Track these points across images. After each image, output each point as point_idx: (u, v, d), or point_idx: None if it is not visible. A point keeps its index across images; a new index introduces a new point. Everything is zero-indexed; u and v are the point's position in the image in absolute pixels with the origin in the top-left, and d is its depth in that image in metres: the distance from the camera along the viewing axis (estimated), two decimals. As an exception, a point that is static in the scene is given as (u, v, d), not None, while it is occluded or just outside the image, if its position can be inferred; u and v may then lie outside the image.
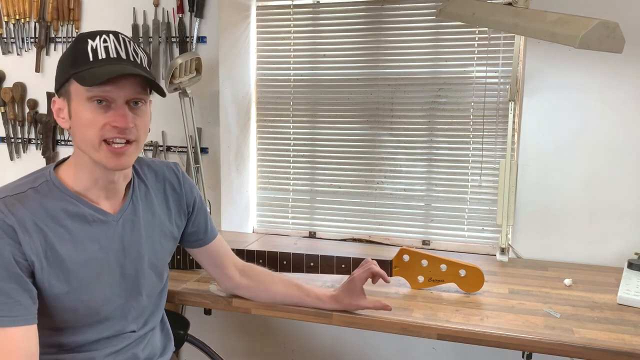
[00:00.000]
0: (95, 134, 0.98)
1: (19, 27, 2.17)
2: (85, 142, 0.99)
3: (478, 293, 1.41)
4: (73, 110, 1.00)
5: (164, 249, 1.19)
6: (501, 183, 1.70)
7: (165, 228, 1.18)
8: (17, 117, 2.22)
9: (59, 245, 0.99)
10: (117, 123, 0.98)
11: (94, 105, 0.98)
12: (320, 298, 1.28)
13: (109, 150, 0.99)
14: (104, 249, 1.06)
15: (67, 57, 1.01)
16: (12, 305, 0.93)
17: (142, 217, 1.13)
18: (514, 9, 1.42)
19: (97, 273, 1.05)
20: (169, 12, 2.00)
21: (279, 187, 2.16)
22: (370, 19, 1.97)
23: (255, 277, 1.33)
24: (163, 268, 1.21)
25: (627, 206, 1.69)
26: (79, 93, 0.98)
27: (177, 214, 1.22)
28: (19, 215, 0.96)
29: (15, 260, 0.94)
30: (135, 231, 1.11)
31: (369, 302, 1.24)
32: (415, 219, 2.00)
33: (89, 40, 0.99)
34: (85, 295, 1.03)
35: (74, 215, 1.02)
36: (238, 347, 2.11)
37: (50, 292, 0.99)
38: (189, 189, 1.24)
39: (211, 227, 1.30)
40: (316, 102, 2.07)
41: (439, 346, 1.88)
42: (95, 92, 0.97)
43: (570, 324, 1.23)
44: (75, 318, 1.05)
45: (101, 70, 0.96)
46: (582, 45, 1.19)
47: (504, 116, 1.83)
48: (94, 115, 0.98)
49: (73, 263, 1.01)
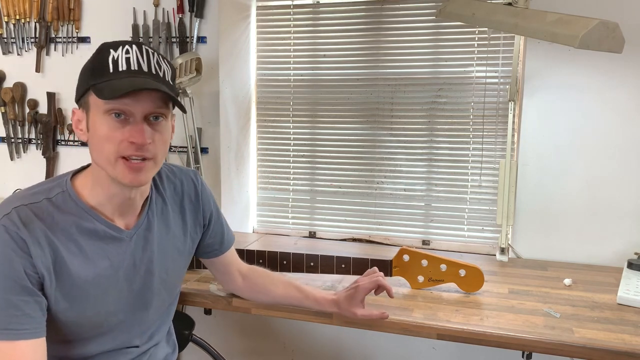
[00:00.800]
0: (111, 149, 0.94)
1: (19, 27, 2.17)
2: (101, 157, 0.96)
3: (478, 293, 1.41)
4: (91, 123, 0.97)
5: (177, 264, 1.17)
6: (501, 183, 1.70)
7: (179, 243, 1.16)
8: (17, 117, 2.22)
9: (69, 260, 0.97)
10: (135, 139, 0.94)
11: (112, 119, 0.94)
12: (318, 301, 1.26)
13: (126, 166, 0.95)
14: (114, 266, 1.04)
15: (87, 67, 0.98)
16: (22, 318, 0.91)
17: (156, 233, 1.10)
18: (514, 9, 1.42)
19: (104, 290, 1.03)
20: (169, 12, 2.00)
21: (279, 187, 2.16)
22: (370, 19, 1.97)
23: (256, 280, 1.33)
24: (174, 284, 1.19)
25: (627, 206, 1.69)
26: (97, 105, 0.95)
27: (193, 227, 1.19)
28: (32, 228, 0.94)
29: (27, 273, 0.92)
30: (147, 248, 1.08)
31: (365, 312, 1.22)
32: (415, 219, 2.00)
33: (111, 50, 0.96)
34: (89, 311, 1.02)
35: (86, 231, 1.00)
36: (238, 347, 2.11)
37: (55, 306, 0.98)
38: (207, 200, 1.21)
39: (228, 238, 1.28)
40: (316, 102, 2.07)
41: (439, 346, 1.88)
42: (113, 105, 0.93)
43: (570, 324, 1.23)
44: (79, 331, 1.03)
45: (120, 83, 0.92)
46: (582, 45, 1.19)
47: (504, 116, 1.83)
48: (111, 130, 0.94)
49: (81, 280, 0.99)
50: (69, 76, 2.13)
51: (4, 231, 0.92)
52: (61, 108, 2.17)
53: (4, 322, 0.90)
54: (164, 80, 0.98)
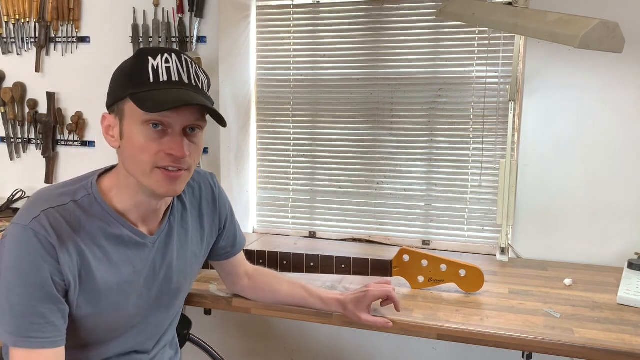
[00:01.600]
0: (147, 159, 0.92)
1: (19, 27, 2.17)
2: (135, 166, 0.94)
3: (478, 293, 1.41)
4: (125, 131, 0.94)
5: (193, 269, 1.17)
6: (501, 183, 1.70)
7: (196, 248, 1.15)
8: (17, 117, 2.22)
9: (94, 266, 0.96)
10: (173, 151, 0.92)
11: (149, 129, 0.91)
12: (324, 300, 1.26)
13: (163, 175, 0.93)
14: (137, 272, 1.03)
15: (124, 74, 0.95)
16: (45, 327, 0.90)
17: (176, 238, 1.10)
18: (514, 9, 1.42)
19: (126, 295, 1.02)
20: (169, 12, 2.00)
21: (279, 187, 2.16)
22: (370, 19, 1.97)
23: (261, 279, 1.33)
24: (188, 289, 1.19)
25: (627, 206, 1.69)
26: (135, 114, 0.92)
27: (210, 232, 1.19)
28: (60, 233, 0.92)
29: (53, 280, 0.90)
30: (167, 254, 1.08)
31: (370, 318, 1.22)
32: (415, 219, 2.00)
33: (150, 57, 0.92)
34: (109, 316, 1.01)
35: (112, 236, 0.98)
36: (238, 347, 2.11)
37: (76, 313, 0.96)
38: (224, 204, 1.22)
39: (239, 241, 1.28)
40: (316, 102, 2.07)
41: (439, 346, 1.88)
42: (153, 116, 0.90)
43: (570, 324, 1.23)
44: (96, 335, 1.02)
45: (163, 95, 0.90)
46: (582, 45, 1.19)
47: (504, 116, 1.83)
48: (148, 140, 0.92)
49: (105, 286, 0.98)
50: (69, 76, 2.14)
51: (33, 235, 0.90)
52: (61, 108, 2.17)
53: (26, 329, 0.89)
54: (203, 93, 0.96)
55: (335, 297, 1.26)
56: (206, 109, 0.94)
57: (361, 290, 1.23)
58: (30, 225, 0.90)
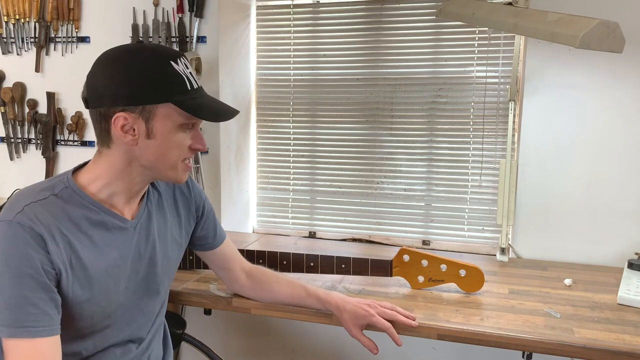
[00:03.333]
0: (179, 155, 1.02)
1: (18, 27, 2.17)
2: (161, 161, 1.02)
3: (478, 293, 1.41)
4: (156, 131, 0.99)
5: (175, 255, 1.20)
6: (501, 183, 1.70)
7: (175, 233, 1.19)
8: (17, 117, 2.22)
9: (82, 252, 0.99)
10: (200, 145, 1.04)
11: (186, 131, 1.02)
12: (321, 300, 1.26)
13: (186, 167, 1.06)
14: (122, 255, 1.06)
15: (152, 77, 0.97)
16: (40, 316, 0.91)
17: (156, 223, 1.13)
18: (514, 9, 1.42)
19: (116, 280, 1.05)
20: (168, 12, 1.99)
21: (279, 187, 2.16)
22: (370, 19, 1.97)
23: (260, 278, 1.33)
24: (173, 273, 1.22)
25: (627, 206, 1.69)
26: (171, 117, 0.99)
27: (187, 219, 1.22)
28: (46, 223, 0.94)
29: (44, 269, 0.92)
30: (149, 238, 1.11)
31: (360, 336, 1.22)
32: (415, 219, 2.00)
33: (172, 62, 0.98)
34: (103, 301, 1.03)
35: (95, 222, 1.01)
36: (238, 347, 2.11)
37: (72, 300, 0.98)
38: (198, 193, 1.25)
39: (220, 232, 1.31)
40: (316, 102, 2.07)
41: (439, 346, 1.88)
42: (192, 120, 1.01)
43: (571, 324, 1.23)
44: (90, 324, 1.04)
45: (209, 104, 1.03)
46: (582, 45, 1.19)
47: (504, 116, 1.83)
48: (182, 139, 1.02)
49: (95, 270, 1.00)
50: (69, 76, 2.14)
51: (20, 228, 0.92)
52: (61, 108, 2.17)
53: (22, 319, 0.90)
54: None
55: (334, 300, 1.24)
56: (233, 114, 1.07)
57: (364, 307, 1.21)
58: (15, 219, 0.92)
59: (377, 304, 1.23)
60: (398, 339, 1.20)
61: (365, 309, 1.21)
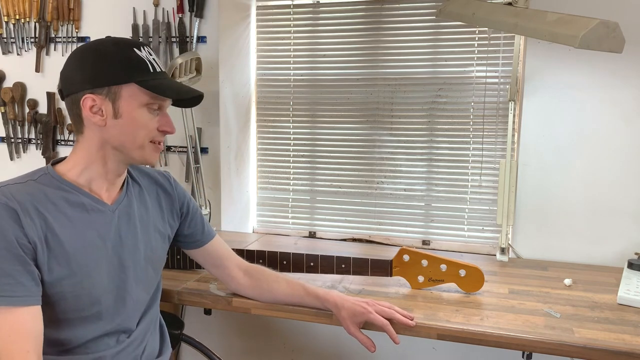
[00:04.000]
0: (146, 135, 1.07)
1: (19, 27, 2.17)
2: (130, 141, 1.06)
3: (478, 293, 1.41)
4: (122, 111, 1.04)
5: (159, 245, 1.22)
6: (501, 183, 1.70)
7: (158, 225, 1.22)
8: (17, 117, 2.22)
9: (59, 230, 1.02)
10: (168, 127, 1.10)
11: (151, 111, 1.07)
12: (320, 298, 1.26)
13: (155, 147, 1.10)
14: (101, 236, 1.08)
15: (116, 61, 1.04)
16: (16, 286, 0.95)
17: (137, 211, 1.17)
18: (514, 9, 1.42)
19: (96, 260, 1.07)
20: (169, 12, 2.00)
21: (279, 187, 2.16)
22: (370, 19, 1.97)
23: (259, 277, 1.33)
24: (159, 263, 1.24)
25: (627, 206, 1.69)
26: (136, 97, 1.04)
27: (170, 215, 1.25)
28: (21, 200, 0.98)
29: (18, 242, 0.96)
30: (131, 223, 1.14)
31: (358, 334, 1.22)
32: (415, 219, 2.00)
33: (135, 49, 1.06)
34: (85, 282, 1.05)
35: (73, 203, 1.05)
36: (238, 346, 2.11)
37: (50, 276, 1.00)
38: (181, 192, 1.29)
39: (208, 229, 1.33)
40: (316, 102, 2.07)
41: (439, 346, 1.88)
42: (157, 100, 1.07)
43: (571, 324, 1.23)
44: (75, 308, 1.05)
45: (171, 85, 1.09)
46: (582, 45, 1.19)
47: (504, 116, 1.83)
48: (148, 119, 1.07)
49: (72, 247, 1.03)
50: (69, 76, 2.14)
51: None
52: (61, 108, 2.17)
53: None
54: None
55: (333, 298, 1.25)
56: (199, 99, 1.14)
57: (362, 304, 1.22)
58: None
59: (376, 303, 1.24)
60: (396, 337, 1.20)
61: (363, 306, 1.21)
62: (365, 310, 1.21)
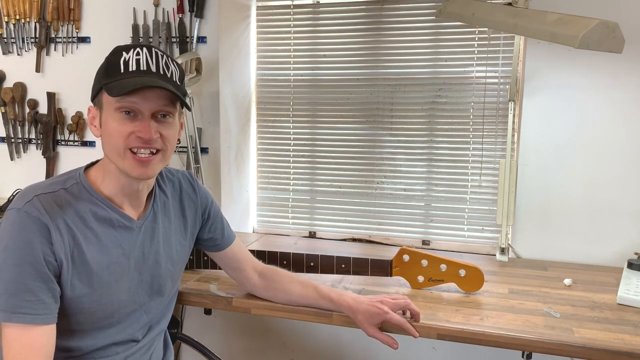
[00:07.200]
0: (120, 142, 1.00)
1: (19, 27, 2.17)
2: (111, 150, 1.02)
3: (478, 293, 1.41)
4: (103, 119, 1.02)
5: (180, 257, 1.21)
6: (501, 183, 1.70)
7: (180, 237, 1.20)
8: (17, 117, 2.22)
9: (85, 247, 1.01)
10: (142, 134, 0.99)
11: (122, 116, 1.00)
12: (334, 302, 1.24)
13: (134, 159, 1.01)
14: (126, 254, 1.07)
15: (101, 68, 1.03)
16: (36, 304, 0.94)
17: (161, 225, 1.15)
18: (514, 9, 1.42)
19: (117, 277, 1.06)
20: (169, 12, 2.00)
21: (279, 187, 2.16)
22: (370, 19, 1.97)
23: (273, 278, 1.33)
24: (178, 276, 1.23)
25: (627, 206, 1.69)
26: (109, 103, 1.00)
27: (193, 222, 1.24)
28: (52, 214, 0.97)
29: (45, 259, 0.95)
30: (154, 239, 1.13)
31: (378, 334, 1.20)
32: (415, 219, 2.00)
33: (124, 52, 1.01)
34: (104, 298, 1.05)
35: (101, 218, 1.04)
36: (238, 346, 2.11)
37: (71, 293, 1.00)
38: (204, 197, 1.26)
39: (228, 233, 1.31)
40: (316, 102, 2.07)
41: (439, 346, 1.88)
42: (123, 103, 0.99)
43: (570, 324, 1.23)
44: (90, 320, 1.05)
45: (128, 82, 0.98)
46: (582, 45, 1.19)
47: (504, 116, 1.83)
48: (120, 124, 1.00)
49: (97, 266, 1.02)
50: (69, 76, 2.14)
51: (26, 216, 0.95)
52: (61, 108, 2.17)
53: (19, 305, 0.93)
54: (171, 80, 1.03)
55: (347, 302, 1.23)
56: (175, 95, 1.01)
57: (377, 305, 1.20)
58: (23, 208, 0.96)
59: (389, 298, 1.22)
60: (414, 332, 1.20)
61: (378, 307, 1.19)
62: (382, 311, 1.19)
